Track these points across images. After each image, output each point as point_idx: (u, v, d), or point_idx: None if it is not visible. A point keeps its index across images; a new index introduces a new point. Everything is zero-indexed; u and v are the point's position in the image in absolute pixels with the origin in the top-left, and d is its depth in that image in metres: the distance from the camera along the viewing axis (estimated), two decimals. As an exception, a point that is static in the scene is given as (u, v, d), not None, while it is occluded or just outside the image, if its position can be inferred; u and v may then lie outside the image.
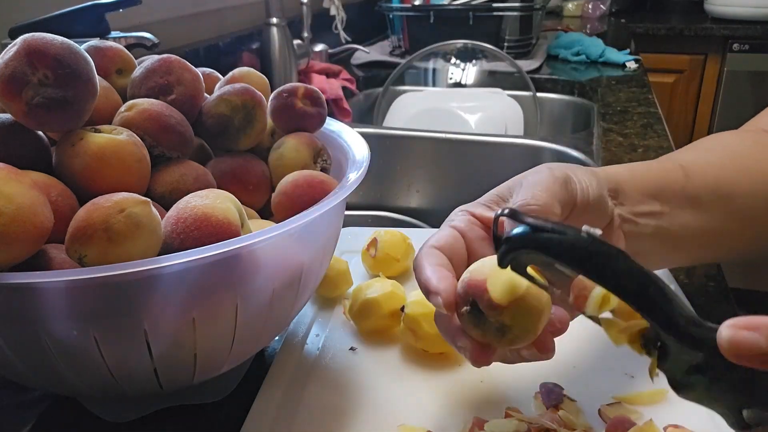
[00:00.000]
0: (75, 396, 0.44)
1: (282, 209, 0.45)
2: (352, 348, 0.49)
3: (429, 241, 0.37)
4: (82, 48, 0.38)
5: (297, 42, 1.22)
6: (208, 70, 0.55)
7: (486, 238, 0.38)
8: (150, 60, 0.46)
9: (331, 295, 0.55)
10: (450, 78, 1.41)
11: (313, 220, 0.37)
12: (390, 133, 1.07)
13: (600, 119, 1.07)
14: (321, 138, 0.52)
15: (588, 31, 1.93)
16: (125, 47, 0.50)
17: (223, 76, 0.53)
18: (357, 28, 1.58)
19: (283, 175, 0.46)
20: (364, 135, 0.51)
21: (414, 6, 1.52)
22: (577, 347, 0.47)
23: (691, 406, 0.28)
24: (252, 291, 0.37)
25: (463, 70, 1.40)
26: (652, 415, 0.39)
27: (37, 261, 0.34)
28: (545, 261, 0.29)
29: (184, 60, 0.47)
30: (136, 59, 0.50)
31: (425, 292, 0.34)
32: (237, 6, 1.24)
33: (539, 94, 1.30)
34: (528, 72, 1.33)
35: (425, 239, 0.37)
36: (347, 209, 0.57)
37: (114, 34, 0.74)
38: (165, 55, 0.47)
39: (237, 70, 0.53)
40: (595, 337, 0.47)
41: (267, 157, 0.50)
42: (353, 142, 0.50)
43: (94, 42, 0.48)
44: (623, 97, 1.21)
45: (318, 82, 1.23)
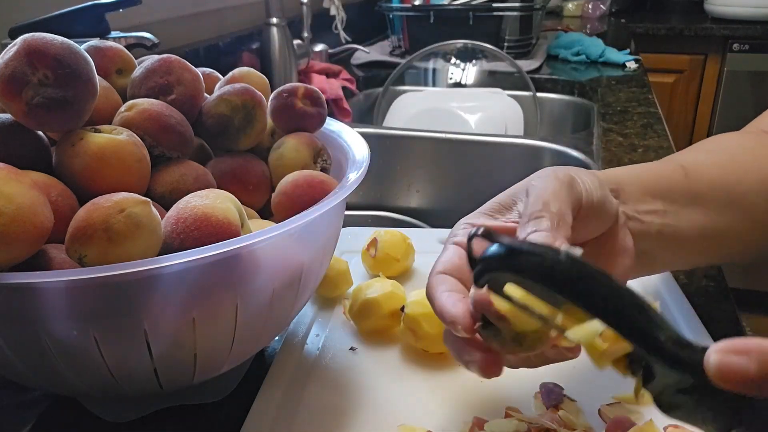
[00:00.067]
0: (75, 396, 0.44)
1: (282, 209, 0.45)
2: (352, 348, 0.49)
3: (436, 267, 0.36)
4: (82, 48, 0.38)
5: (297, 42, 1.22)
6: (208, 70, 0.55)
7: None
8: (150, 60, 0.46)
9: (331, 295, 0.55)
10: (450, 78, 1.41)
11: (313, 220, 0.37)
12: (390, 133, 1.07)
13: (600, 119, 1.07)
14: (321, 138, 0.52)
15: (588, 31, 1.93)
16: (125, 47, 0.50)
17: (223, 76, 0.53)
18: (357, 28, 1.58)
19: (283, 175, 0.46)
20: (364, 135, 0.51)
21: (414, 6, 1.52)
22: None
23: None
24: (252, 291, 0.37)
25: (463, 70, 1.40)
26: (652, 416, 0.39)
27: (37, 261, 0.34)
28: (523, 281, 0.28)
29: (184, 60, 0.47)
30: (136, 59, 0.50)
31: (443, 321, 0.33)
32: (237, 6, 1.24)
33: (539, 94, 1.30)
34: (528, 72, 1.33)
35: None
36: (347, 209, 0.57)
37: (114, 34, 0.74)
38: (165, 55, 0.47)
39: (237, 70, 0.53)
40: (595, 337, 0.47)
41: (267, 157, 0.50)
42: (353, 142, 0.50)
43: (94, 42, 0.48)
44: (623, 97, 1.21)
45: (318, 82, 1.23)
